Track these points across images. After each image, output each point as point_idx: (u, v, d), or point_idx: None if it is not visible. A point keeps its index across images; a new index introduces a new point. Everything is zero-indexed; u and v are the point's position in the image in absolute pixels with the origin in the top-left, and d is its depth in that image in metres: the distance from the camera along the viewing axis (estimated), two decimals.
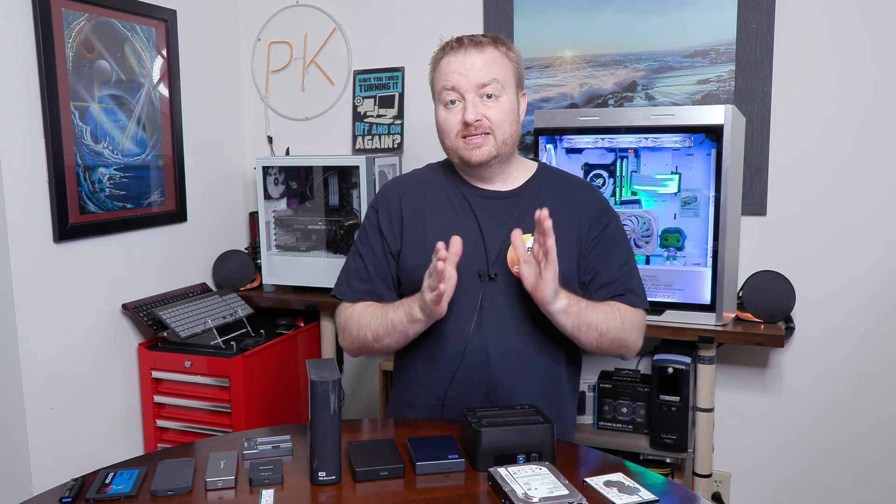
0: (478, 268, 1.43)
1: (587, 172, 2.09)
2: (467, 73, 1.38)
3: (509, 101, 1.42)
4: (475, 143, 1.40)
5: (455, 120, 1.41)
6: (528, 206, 1.45)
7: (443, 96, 1.42)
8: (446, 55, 1.42)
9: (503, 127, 1.41)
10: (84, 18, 2.04)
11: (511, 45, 1.46)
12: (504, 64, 1.42)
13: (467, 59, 1.39)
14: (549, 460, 1.21)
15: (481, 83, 1.39)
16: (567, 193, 1.50)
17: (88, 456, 2.08)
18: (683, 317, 2.01)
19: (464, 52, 1.40)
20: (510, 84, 1.42)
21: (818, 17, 2.10)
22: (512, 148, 1.46)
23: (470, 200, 1.47)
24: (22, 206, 1.89)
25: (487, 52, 1.40)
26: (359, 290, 1.51)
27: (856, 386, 2.18)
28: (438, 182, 1.52)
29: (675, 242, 2.02)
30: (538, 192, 1.48)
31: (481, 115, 1.39)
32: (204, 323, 2.24)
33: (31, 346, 1.92)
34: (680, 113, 1.97)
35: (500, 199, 1.47)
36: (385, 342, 1.44)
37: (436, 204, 1.49)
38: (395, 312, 1.40)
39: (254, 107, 2.78)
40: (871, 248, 2.12)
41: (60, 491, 1.15)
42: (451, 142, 1.43)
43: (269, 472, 1.18)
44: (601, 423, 2.19)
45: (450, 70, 1.40)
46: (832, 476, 2.23)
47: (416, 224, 1.49)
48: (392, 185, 1.57)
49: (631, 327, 1.44)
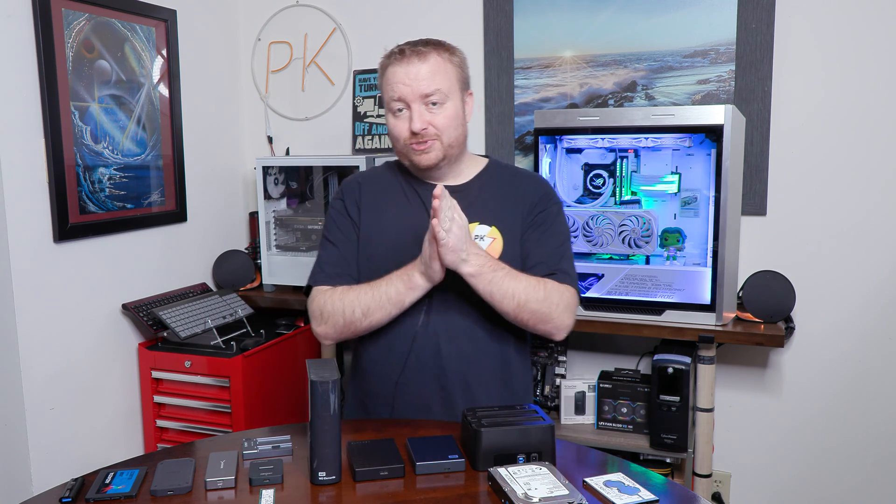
0: None
1: (587, 172, 2.09)
2: (412, 83, 1.44)
3: (454, 106, 1.48)
4: (423, 149, 1.47)
5: (403, 127, 1.47)
6: (475, 198, 1.53)
7: (391, 106, 1.48)
8: (391, 65, 1.48)
9: (448, 132, 1.48)
10: (84, 18, 2.04)
11: (454, 50, 1.52)
12: (447, 70, 1.47)
13: (411, 69, 1.44)
14: (549, 460, 1.21)
15: (425, 93, 1.44)
16: (513, 183, 1.57)
17: (88, 456, 2.08)
18: (683, 317, 2.01)
19: (407, 62, 1.45)
20: (454, 89, 1.49)
21: (818, 17, 2.10)
22: (459, 149, 1.53)
23: (422, 195, 1.55)
24: (22, 205, 1.89)
25: (430, 60, 1.45)
26: (333, 273, 1.54)
27: (856, 386, 2.18)
28: (394, 178, 1.60)
29: (675, 242, 2.02)
30: (485, 184, 1.56)
31: (427, 123, 1.45)
32: (204, 323, 2.24)
33: (31, 346, 1.92)
34: (680, 113, 1.97)
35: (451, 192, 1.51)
36: (376, 317, 1.46)
37: (392, 198, 1.57)
38: (389, 285, 1.44)
39: (254, 107, 2.78)
40: (871, 247, 2.12)
41: (60, 491, 1.15)
42: (402, 147, 1.50)
43: (269, 472, 1.18)
44: (601, 423, 2.19)
45: (395, 80, 1.46)
46: (832, 476, 2.23)
47: (372, 215, 1.56)
48: (353, 178, 1.65)
49: (557, 303, 1.46)
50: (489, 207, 1.53)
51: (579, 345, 2.44)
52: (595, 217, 2.09)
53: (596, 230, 2.09)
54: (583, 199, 2.10)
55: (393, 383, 1.51)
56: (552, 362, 2.35)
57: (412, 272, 1.43)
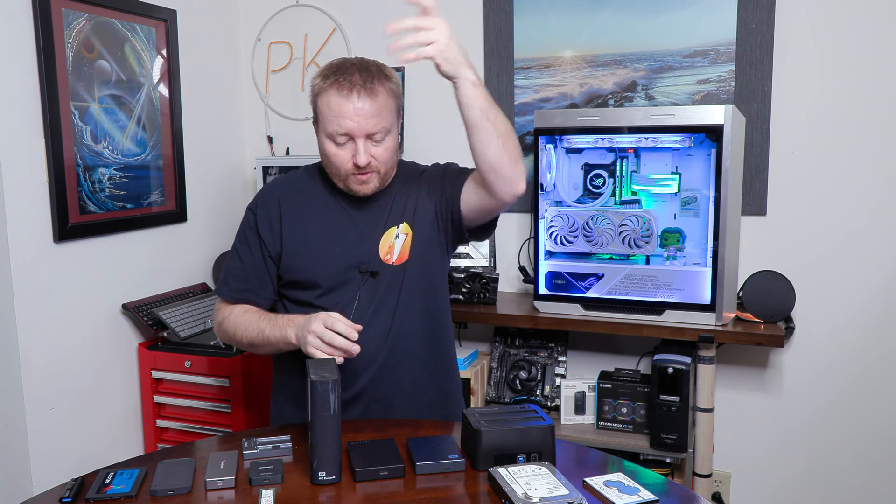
0: (358, 265, 1.51)
1: (587, 172, 2.09)
2: (360, 120, 1.43)
3: (393, 138, 1.50)
4: (364, 180, 1.49)
5: (346, 158, 1.46)
6: (392, 203, 1.56)
7: (333, 137, 1.46)
8: (336, 94, 1.43)
9: (387, 163, 1.50)
10: (84, 18, 2.04)
11: (392, 75, 1.50)
12: (390, 105, 1.47)
13: (359, 105, 1.42)
14: (549, 460, 1.21)
15: (372, 132, 1.44)
16: (416, 181, 1.60)
17: (88, 456, 2.08)
18: (683, 317, 2.01)
19: (356, 97, 1.42)
20: (394, 121, 1.50)
21: (818, 17, 2.10)
22: (391, 173, 1.55)
23: (345, 205, 1.56)
24: (22, 205, 1.89)
25: (378, 98, 1.44)
26: (236, 289, 1.58)
27: (856, 386, 2.18)
28: (315, 186, 1.60)
29: (675, 242, 2.02)
30: (400, 188, 1.58)
31: (371, 158, 1.46)
32: (204, 323, 2.24)
33: (32, 346, 1.92)
34: (680, 113, 1.97)
35: (373, 201, 1.56)
36: (260, 350, 1.54)
37: (314, 207, 1.57)
38: (272, 329, 1.46)
39: (254, 107, 2.77)
40: (871, 247, 2.12)
41: (60, 491, 1.16)
42: (341, 176, 1.50)
43: (269, 472, 1.18)
44: (601, 423, 2.19)
45: (342, 114, 1.43)
46: (832, 476, 2.23)
47: (295, 227, 1.56)
48: (271, 188, 1.64)
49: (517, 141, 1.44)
50: (403, 207, 1.56)
51: (579, 345, 2.44)
52: (595, 217, 2.09)
53: (596, 230, 2.09)
54: (583, 199, 2.10)
55: None
56: (552, 362, 2.35)
57: (289, 329, 1.42)
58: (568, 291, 2.13)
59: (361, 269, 1.51)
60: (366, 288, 1.51)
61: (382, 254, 1.53)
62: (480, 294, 2.29)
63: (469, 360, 2.35)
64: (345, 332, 1.32)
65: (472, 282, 2.29)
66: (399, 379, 1.53)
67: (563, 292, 2.14)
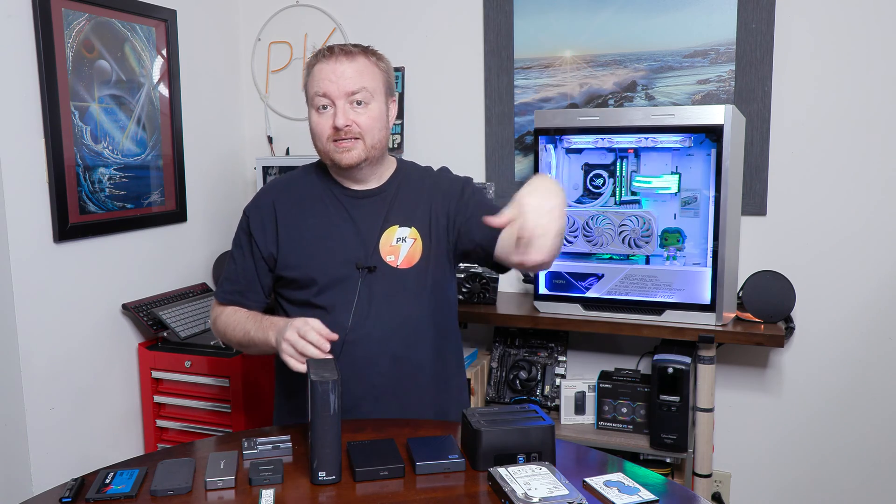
0: (355, 261, 1.50)
1: (587, 172, 2.09)
2: (338, 80, 1.45)
3: (378, 108, 1.49)
4: (345, 147, 1.47)
5: (326, 124, 1.47)
6: (393, 199, 1.55)
7: (315, 101, 1.48)
8: (318, 62, 1.48)
9: (372, 133, 1.48)
10: (84, 18, 2.04)
11: (381, 56, 1.53)
12: (373, 73, 1.48)
13: (338, 66, 1.45)
14: (549, 460, 1.21)
15: (351, 90, 1.45)
16: (423, 181, 1.58)
17: (88, 456, 2.08)
18: (683, 317, 2.01)
19: (335, 60, 1.46)
20: (379, 92, 1.49)
21: (818, 17, 2.10)
22: (381, 151, 1.54)
23: (342, 200, 1.55)
24: (22, 206, 1.89)
25: (357, 61, 1.47)
26: (227, 290, 1.61)
27: (856, 386, 2.18)
28: (311, 184, 1.59)
29: (675, 242, 2.02)
30: (401, 185, 1.57)
31: (351, 121, 1.45)
32: (204, 323, 2.24)
33: (32, 346, 1.92)
34: (680, 113, 1.97)
35: (370, 196, 1.55)
36: (250, 350, 1.56)
37: (311, 205, 1.56)
38: (256, 331, 1.48)
39: (254, 107, 2.77)
40: (871, 248, 2.12)
41: (60, 491, 1.15)
42: (323, 145, 1.49)
43: (269, 472, 1.18)
44: (601, 423, 2.19)
45: (321, 77, 1.46)
46: (832, 476, 2.23)
47: (291, 226, 1.55)
48: (266, 190, 1.64)
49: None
50: (406, 208, 1.54)
51: (579, 345, 2.44)
52: (595, 217, 2.09)
53: (596, 230, 2.09)
54: (583, 199, 2.10)
55: None
56: (552, 362, 2.35)
57: (270, 333, 1.43)
58: (568, 291, 2.13)
59: (359, 265, 1.50)
60: (365, 284, 1.49)
61: (384, 253, 1.51)
62: (480, 294, 2.29)
63: (469, 360, 2.35)
64: (315, 341, 1.31)
65: (472, 282, 2.29)
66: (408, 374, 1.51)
67: (563, 292, 2.14)
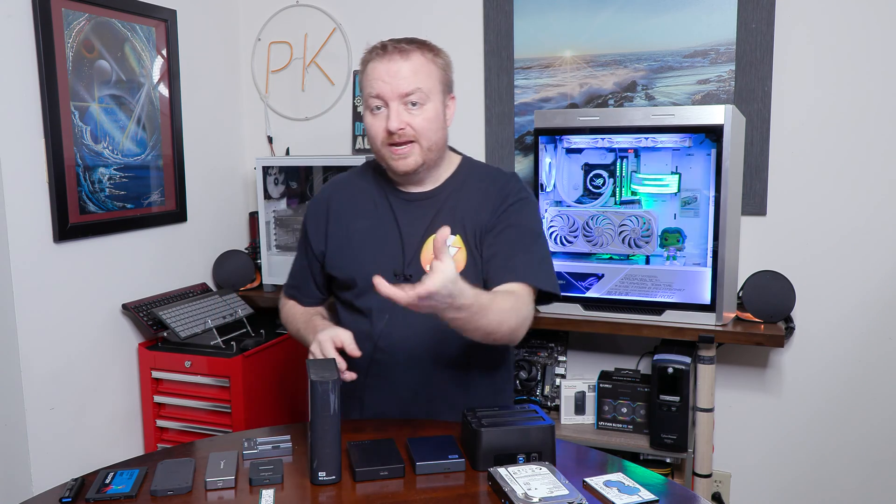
0: (394, 268, 1.46)
1: (587, 172, 2.09)
2: (391, 80, 1.38)
3: (434, 108, 1.42)
4: (401, 154, 1.41)
5: (380, 127, 1.41)
6: (443, 205, 1.49)
7: (369, 103, 1.43)
8: (372, 60, 1.42)
9: (428, 135, 1.41)
10: (84, 18, 2.04)
11: (438, 51, 1.45)
12: (430, 71, 1.41)
13: (392, 66, 1.38)
14: (549, 460, 1.21)
15: (405, 92, 1.38)
16: (480, 188, 1.50)
17: (88, 456, 2.08)
18: (683, 317, 2.01)
19: (388, 58, 1.39)
20: (436, 91, 1.42)
21: (818, 17, 2.10)
22: (439, 154, 1.47)
23: (392, 202, 1.51)
24: (22, 206, 1.89)
25: (412, 59, 1.39)
26: (289, 285, 1.67)
27: (856, 386, 2.18)
28: (366, 183, 1.56)
29: (675, 242, 2.02)
30: (454, 190, 1.51)
31: (405, 124, 1.39)
32: (204, 323, 2.24)
33: (32, 346, 1.92)
34: (680, 113, 1.97)
35: (420, 200, 1.50)
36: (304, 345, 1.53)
37: (361, 205, 1.54)
38: (304, 332, 1.51)
39: (254, 107, 2.77)
40: (871, 247, 2.12)
41: (60, 491, 1.16)
42: (378, 148, 1.45)
43: (269, 472, 1.18)
44: (601, 423, 2.18)
45: (375, 76, 1.40)
46: (832, 476, 2.23)
47: (340, 225, 1.54)
48: (325, 187, 1.64)
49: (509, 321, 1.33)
50: (455, 216, 1.48)
51: (579, 345, 2.44)
52: (595, 217, 2.09)
53: (596, 230, 2.09)
54: (583, 199, 2.10)
55: (360, 398, 1.51)
56: (552, 362, 2.35)
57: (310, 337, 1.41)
58: (568, 291, 2.13)
59: (396, 272, 1.45)
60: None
61: (425, 261, 1.44)
62: None
63: None
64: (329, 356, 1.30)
65: None
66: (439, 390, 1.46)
67: (563, 292, 2.13)
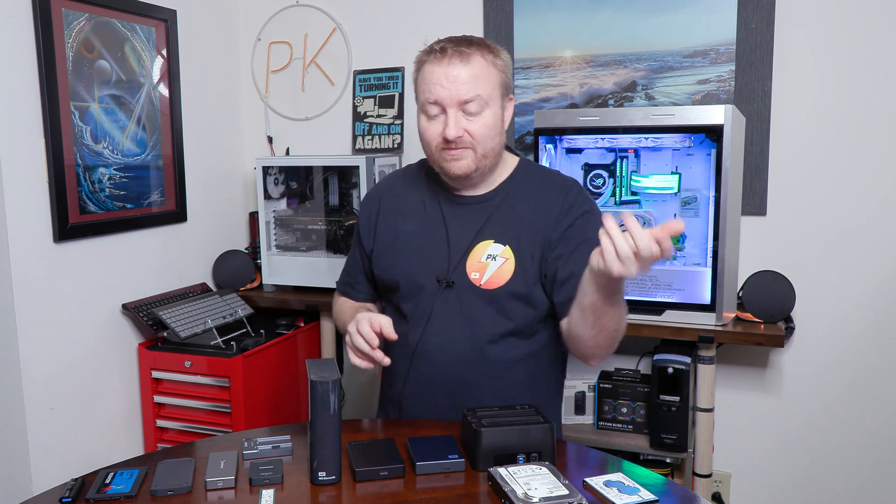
0: (438, 273, 1.44)
1: (587, 172, 2.09)
2: (450, 86, 1.34)
3: (493, 114, 1.38)
4: (455, 156, 1.38)
5: (436, 132, 1.38)
6: (494, 210, 1.45)
7: (425, 108, 1.39)
8: (430, 62, 1.37)
9: (485, 142, 1.38)
10: (84, 18, 2.04)
11: (499, 52, 1.41)
12: (489, 75, 1.37)
13: (451, 71, 1.34)
14: (549, 460, 1.21)
15: (465, 99, 1.34)
16: (538, 195, 1.45)
17: (88, 456, 2.08)
18: (683, 317, 2.01)
19: (447, 62, 1.34)
20: (495, 96, 1.38)
21: (818, 17, 2.10)
22: (494, 160, 1.44)
23: (442, 205, 1.48)
24: (22, 206, 1.89)
25: (473, 63, 1.35)
26: (341, 282, 1.67)
27: (856, 386, 2.18)
28: (417, 184, 1.54)
29: (675, 242, 2.02)
30: (508, 195, 1.46)
31: (462, 131, 1.36)
32: (204, 323, 2.24)
33: (31, 346, 1.92)
34: (680, 113, 1.97)
35: (471, 204, 1.46)
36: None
37: (411, 205, 1.51)
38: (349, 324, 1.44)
39: (254, 107, 2.77)
40: (871, 247, 2.12)
41: (60, 491, 1.15)
42: (432, 151, 1.42)
43: (269, 472, 1.18)
44: (601, 423, 2.19)
45: (433, 81, 1.35)
46: (832, 476, 2.23)
47: (388, 224, 1.52)
48: (378, 185, 1.63)
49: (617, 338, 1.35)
50: (507, 224, 1.43)
51: None
52: None
53: None
54: None
55: (398, 398, 1.51)
56: None
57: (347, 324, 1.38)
58: None
59: (439, 278, 1.43)
60: (443, 298, 1.42)
61: (470, 269, 1.42)
62: None
63: None
64: (367, 335, 1.28)
65: None
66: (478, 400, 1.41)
67: None
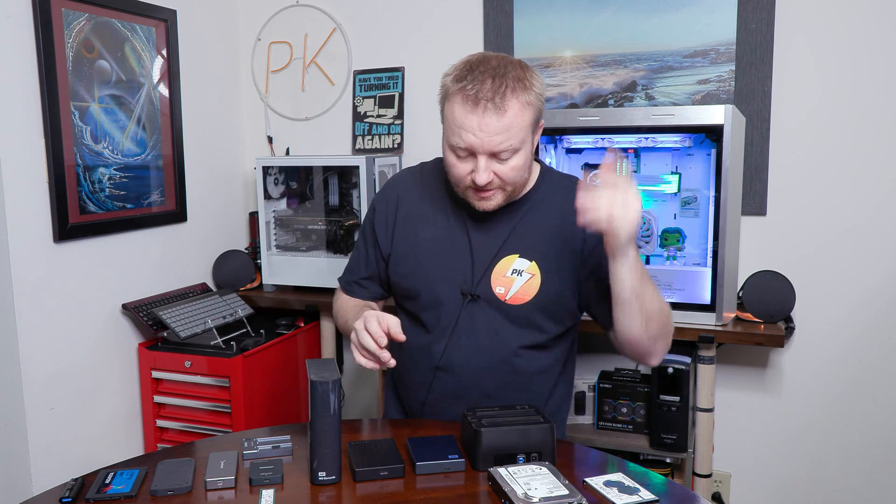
0: (461, 285, 1.41)
1: (587, 172, 2.09)
2: (483, 136, 1.27)
3: (524, 155, 1.33)
4: (484, 197, 1.35)
5: (465, 171, 1.33)
6: (518, 223, 1.42)
7: (454, 149, 1.32)
8: (461, 103, 1.28)
9: (514, 181, 1.35)
10: (84, 18, 2.04)
11: (531, 85, 1.30)
12: (523, 120, 1.29)
13: (484, 121, 1.26)
14: (549, 460, 1.21)
15: (496, 151, 1.29)
16: (564, 207, 1.39)
17: (88, 456, 2.08)
18: (683, 317, 2.01)
19: (481, 112, 1.26)
20: (527, 137, 1.32)
21: (818, 17, 2.10)
22: (522, 189, 1.41)
23: (466, 214, 1.44)
24: (22, 206, 1.89)
25: (507, 114, 1.27)
26: (346, 280, 1.61)
27: (856, 386, 2.18)
28: (438, 187, 1.48)
29: (675, 242, 2.02)
30: (532, 208, 1.43)
31: (493, 176, 1.32)
32: (204, 323, 2.24)
33: (32, 346, 1.92)
34: (680, 113, 1.97)
35: (494, 215, 1.41)
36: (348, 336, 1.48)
37: (432, 210, 1.47)
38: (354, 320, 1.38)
39: (254, 107, 2.78)
40: (871, 247, 2.12)
41: (60, 491, 1.15)
42: (460, 188, 1.38)
43: (269, 472, 1.18)
44: (601, 423, 2.19)
45: (464, 128, 1.28)
46: (832, 476, 2.23)
47: (408, 229, 1.48)
48: (394, 182, 1.56)
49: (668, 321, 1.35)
50: (532, 238, 1.41)
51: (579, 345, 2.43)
52: None
53: None
54: None
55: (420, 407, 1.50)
56: None
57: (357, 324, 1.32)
58: None
59: (463, 291, 1.40)
60: (466, 312, 1.40)
61: (494, 283, 1.39)
62: None
63: None
64: (375, 333, 1.23)
65: None
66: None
67: None
